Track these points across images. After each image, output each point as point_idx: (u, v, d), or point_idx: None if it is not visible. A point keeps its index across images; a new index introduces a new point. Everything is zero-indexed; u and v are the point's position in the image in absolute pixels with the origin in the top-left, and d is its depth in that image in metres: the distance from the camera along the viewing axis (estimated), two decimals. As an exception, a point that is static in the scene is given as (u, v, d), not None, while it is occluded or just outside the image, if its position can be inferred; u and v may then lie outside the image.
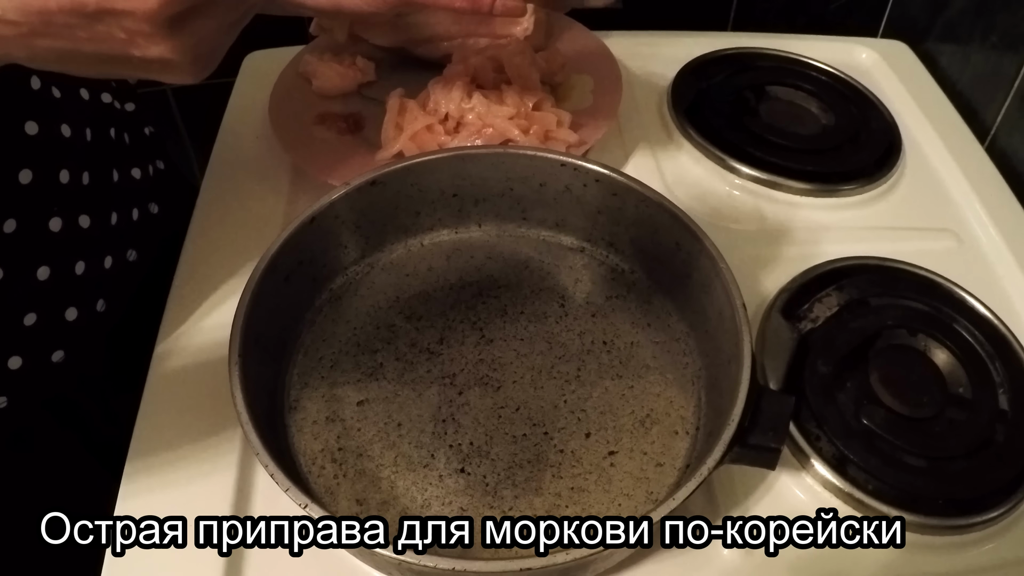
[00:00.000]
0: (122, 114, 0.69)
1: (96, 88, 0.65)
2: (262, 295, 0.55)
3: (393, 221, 0.65)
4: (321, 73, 0.81)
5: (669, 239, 0.60)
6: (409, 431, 0.56)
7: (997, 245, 0.72)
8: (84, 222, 0.60)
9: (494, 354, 0.60)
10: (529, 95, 0.74)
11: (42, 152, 0.57)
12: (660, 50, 0.89)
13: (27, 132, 0.55)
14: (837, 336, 0.62)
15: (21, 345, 0.59)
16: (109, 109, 0.67)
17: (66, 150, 0.59)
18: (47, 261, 0.57)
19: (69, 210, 0.59)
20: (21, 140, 0.55)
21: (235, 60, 0.90)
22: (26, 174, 0.55)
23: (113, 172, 0.65)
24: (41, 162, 0.57)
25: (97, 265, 0.62)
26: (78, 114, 0.61)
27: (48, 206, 0.58)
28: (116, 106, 0.68)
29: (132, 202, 0.68)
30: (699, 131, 0.79)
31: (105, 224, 0.63)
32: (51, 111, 0.58)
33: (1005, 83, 0.81)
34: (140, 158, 0.70)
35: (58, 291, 0.59)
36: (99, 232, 0.62)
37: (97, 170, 0.62)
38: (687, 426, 0.56)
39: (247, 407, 0.49)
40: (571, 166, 0.62)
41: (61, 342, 0.61)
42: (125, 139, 0.68)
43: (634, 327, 0.61)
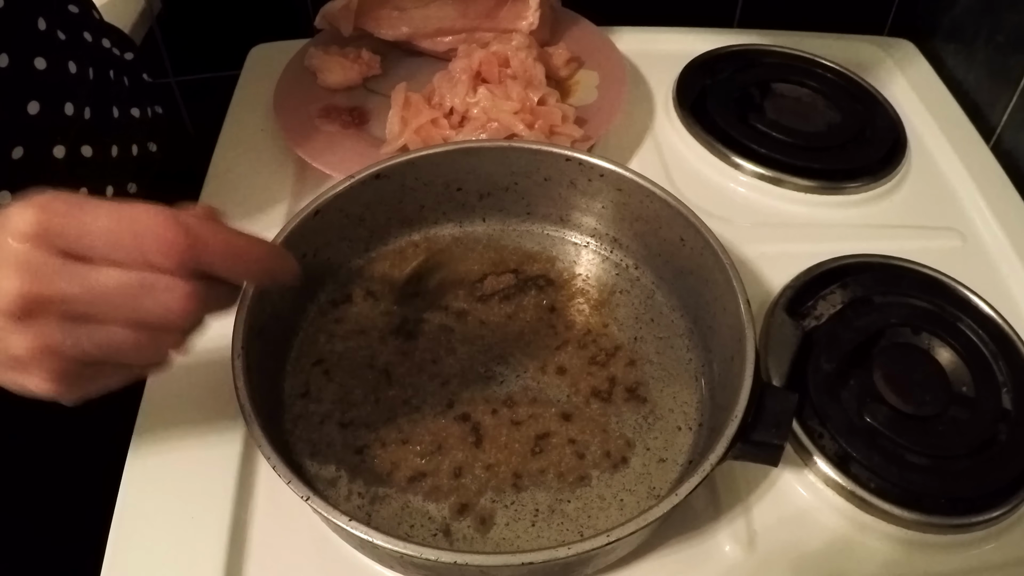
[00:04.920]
0: (122, 60, 0.72)
1: (97, 33, 0.68)
2: (266, 288, 0.55)
3: (397, 215, 0.65)
4: (326, 66, 0.81)
5: (673, 235, 0.60)
6: (412, 423, 0.56)
7: (1001, 244, 0.71)
8: (86, 151, 0.63)
9: (497, 347, 0.60)
10: (534, 90, 0.74)
11: (49, 86, 0.59)
12: (666, 46, 0.89)
13: (36, 67, 0.57)
14: (841, 334, 0.62)
15: None
16: (109, 54, 0.70)
17: (71, 85, 0.61)
18: (51, 187, 0.58)
19: (72, 140, 0.61)
20: (30, 74, 0.57)
21: (240, 53, 0.90)
22: (34, 105, 0.57)
23: (113, 109, 0.67)
24: (48, 95, 0.59)
25: (99, 193, 0.64)
26: (82, 53, 0.63)
27: (53, 136, 0.60)
28: (116, 52, 0.71)
29: (131, 138, 0.70)
30: (704, 127, 0.79)
31: (106, 155, 0.66)
32: (58, 48, 0.60)
33: (1011, 82, 0.80)
34: (139, 99, 0.72)
35: None
36: (100, 162, 0.65)
37: (98, 105, 0.65)
38: (690, 422, 0.56)
39: (250, 400, 0.49)
40: (576, 161, 0.62)
41: None
42: (124, 81, 0.70)
43: (638, 322, 0.61)
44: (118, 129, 0.68)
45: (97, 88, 0.65)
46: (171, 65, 1.06)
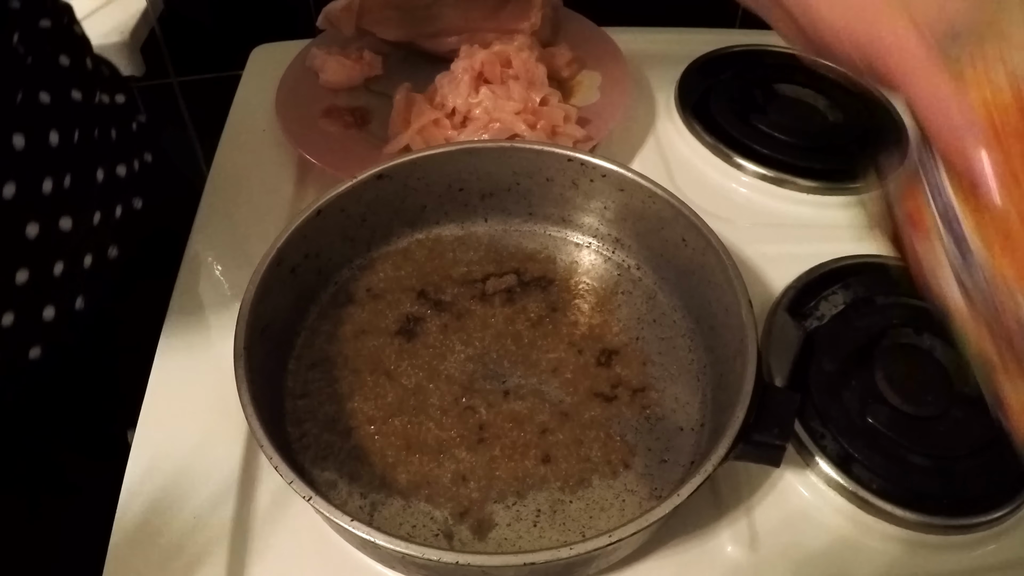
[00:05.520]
0: (111, 109, 0.67)
1: (87, 86, 0.63)
2: (268, 287, 0.55)
3: (399, 215, 0.65)
4: (328, 67, 0.81)
5: (675, 235, 0.60)
6: (414, 423, 0.56)
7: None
8: (65, 224, 0.59)
9: (499, 348, 0.60)
10: (536, 90, 0.74)
11: (28, 164, 0.55)
12: (668, 47, 0.89)
13: (14, 146, 0.54)
14: (843, 334, 0.62)
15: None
16: (98, 108, 0.65)
17: (52, 159, 0.57)
18: (26, 264, 0.56)
19: (49, 215, 0.57)
20: (7, 153, 0.54)
21: (242, 53, 0.90)
22: (10, 188, 0.54)
23: (98, 172, 0.63)
24: (26, 173, 0.55)
25: (77, 264, 0.61)
26: (67, 118, 0.59)
27: (26, 215, 0.56)
28: (105, 101, 0.66)
29: (116, 199, 0.65)
30: (706, 128, 0.79)
31: (87, 224, 0.61)
32: (39, 118, 0.56)
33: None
34: (127, 153, 0.68)
35: (36, 292, 0.58)
36: (80, 232, 0.60)
37: (81, 172, 0.60)
38: (692, 422, 0.56)
39: (252, 400, 0.49)
40: (578, 161, 0.62)
41: (38, 340, 0.59)
42: (112, 135, 0.66)
43: (639, 323, 0.61)
44: (102, 193, 0.63)
45: (81, 153, 0.61)
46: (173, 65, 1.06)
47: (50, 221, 0.57)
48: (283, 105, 0.78)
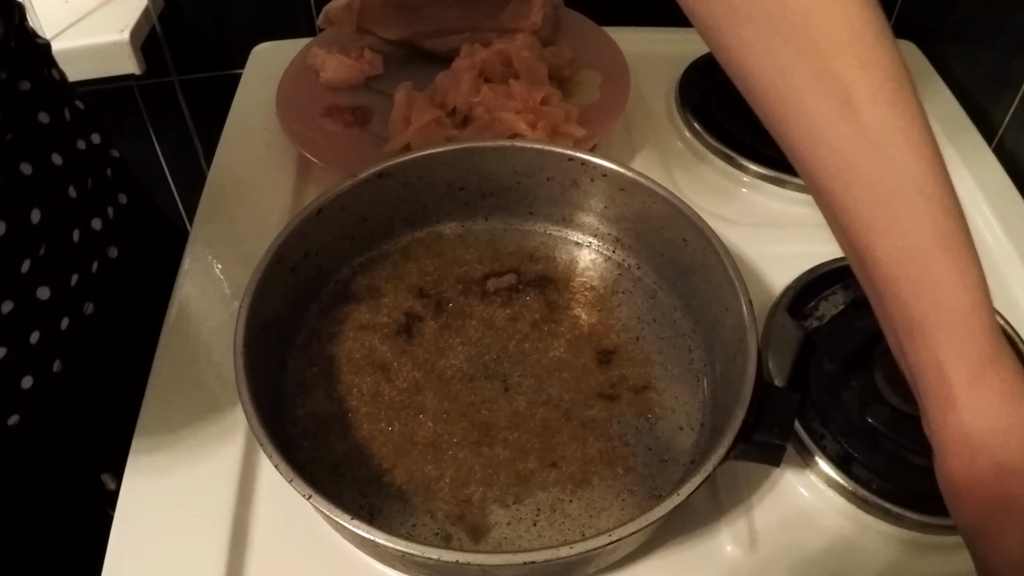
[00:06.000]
0: (88, 155, 0.61)
1: (68, 142, 0.58)
2: (268, 286, 0.55)
3: (400, 213, 0.65)
4: (329, 66, 0.81)
5: (676, 235, 0.60)
6: (413, 422, 0.56)
7: (1004, 246, 0.71)
8: (43, 294, 0.55)
9: (499, 347, 0.60)
10: (537, 89, 0.74)
11: (8, 247, 0.52)
12: (668, 46, 0.89)
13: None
14: (843, 334, 0.62)
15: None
16: (78, 161, 0.59)
17: (32, 235, 0.53)
18: (3, 342, 0.53)
19: (27, 290, 0.54)
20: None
21: (243, 52, 0.90)
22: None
23: (74, 233, 0.58)
24: (5, 257, 0.52)
25: (53, 329, 0.57)
26: (48, 188, 0.55)
27: (4, 293, 0.52)
28: (82, 147, 0.60)
29: (92, 255, 0.60)
30: (707, 127, 0.79)
31: (64, 288, 0.57)
32: (21, 198, 0.53)
33: (1013, 84, 0.80)
34: (102, 202, 0.62)
35: (14, 364, 0.55)
36: (58, 298, 0.56)
37: (59, 239, 0.56)
38: (692, 422, 0.56)
39: (252, 398, 0.49)
40: (578, 161, 0.62)
41: (16, 409, 0.57)
42: (88, 186, 0.60)
43: (640, 322, 0.61)
44: (79, 253, 0.59)
45: (60, 221, 0.56)
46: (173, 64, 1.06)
47: (28, 295, 0.54)
48: (283, 104, 0.78)
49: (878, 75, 0.41)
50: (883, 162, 0.41)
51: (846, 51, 0.41)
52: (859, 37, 0.41)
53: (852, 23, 0.42)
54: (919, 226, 0.41)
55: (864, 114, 0.41)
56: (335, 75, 0.80)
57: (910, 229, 0.41)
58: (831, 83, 0.41)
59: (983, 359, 0.40)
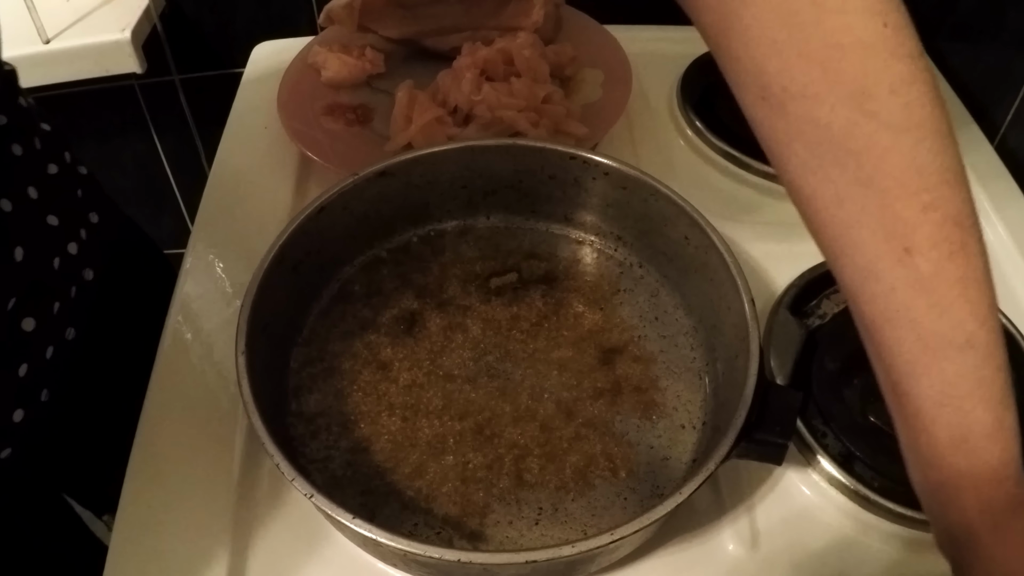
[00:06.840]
0: (61, 179, 0.60)
1: (41, 172, 0.58)
2: (270, 285, 0.55)
3: (401, 212, 0.65)
4: (330, 64, 0.80)
5: (678, 233, 0.60)
6: (415, 421, 0.56)
7: (1005, 244, 0.71)
8: (28, 325, 0.54)
9: (501, 345, 0.60)
10: (539, 88, 0.74)
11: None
12: (670, 44, 0.89)
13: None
14: (845, 333, 0.62)
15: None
16: (52, 188, 0.58)
17: (16, 272, 0.53)
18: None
19: (11, 326, 0.53)
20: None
21: (244, 50, 0.90)
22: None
23: (54, 261, 0.57)
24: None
25: (39, 357, 0.56)
26: (28, 222, 0.55)
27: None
28: (54, 171, 0.59)
29: (71, 280, 0.60)
30: (709, 125, 0.79)
31: (49, 316, 0.57)
32: (3, 235, 0.52)
33: (1015, 82, 0.80)
34: (76, 225, 0.61)
35: (4, 396, 0.54)
36: (43, 328, 0.56)
37: (40, 272, 0.56)
38: (694, 420, 0.56)
39: (253, 397, 0.49)
40: (580, 159, 0.62)
41: (8, 443, 0.56)
42: (63, 211, 0.59)
43: (642, 320, 0.61)
44: (58, 281, 0.58)
45: (41, 252, 0.56)
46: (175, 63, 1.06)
47: (14, 329, 0.53)
48: (285, 102, 0.78)
49: (940, 220, 0.39)
50: (937, 312, 0.40)
51: (910, 192, 0.39)
52: (924, 177, 0.40)
53: (919, 161, 0.40)
54: (963, 379, 0.40)
55: (922, 262, 0.39)
56: (336, 74, 0.80)
57: (954, 380, 0.40)
58: (892, 224, 0.40)
59: (1006, 510, 0.40)
